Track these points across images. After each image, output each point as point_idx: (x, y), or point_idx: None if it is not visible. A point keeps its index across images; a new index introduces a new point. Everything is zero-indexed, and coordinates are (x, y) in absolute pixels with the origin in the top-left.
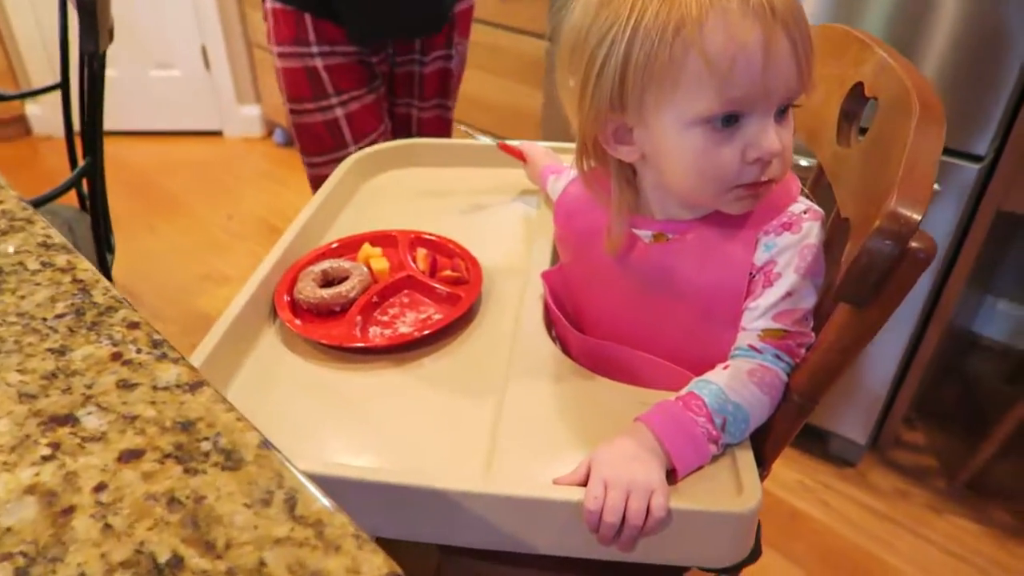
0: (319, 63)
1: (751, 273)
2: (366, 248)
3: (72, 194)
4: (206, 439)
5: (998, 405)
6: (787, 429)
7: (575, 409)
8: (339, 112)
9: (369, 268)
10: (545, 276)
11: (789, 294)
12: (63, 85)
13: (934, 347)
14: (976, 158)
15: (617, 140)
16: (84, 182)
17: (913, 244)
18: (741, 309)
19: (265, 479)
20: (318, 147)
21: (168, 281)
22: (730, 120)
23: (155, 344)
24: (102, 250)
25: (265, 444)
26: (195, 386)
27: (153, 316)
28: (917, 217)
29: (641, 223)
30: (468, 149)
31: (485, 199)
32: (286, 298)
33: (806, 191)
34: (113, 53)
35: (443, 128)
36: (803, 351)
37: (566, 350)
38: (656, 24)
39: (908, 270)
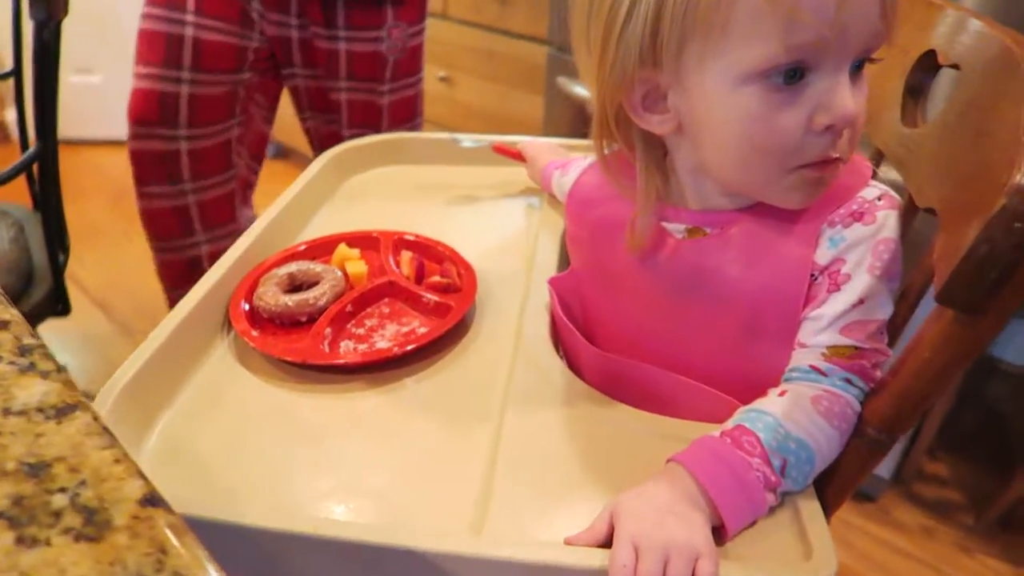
0: (189, 32)
1: (812, 274)
2: (342, 250)
3: (28, 195)
4: (61, 490)
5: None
6: (857, 471)
7: (590, 445)
8: (189, 32)
9: (344, 273)
10: (553, 282)
11: (861, 301)
12: (15, 72)
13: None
14: None
15: (647, 108)
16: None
17: None
18: (798, 320)
19: (136, 557)
20: (152, 57)
21: (143, 294)
22: (794, 75)
23: (23, 351)
24: (53, 248)
25: (150, 500)
26: (65, 411)
27: (123, 329)
28: None
29: (672, 215)
30: (460, 149)
31: (481, 198)
32: (244, 306)
33: (877, 173)
34: (97, 59)
35: (373, 113)
36: (878, 373)
37: (577, 370)
38: None
39: None
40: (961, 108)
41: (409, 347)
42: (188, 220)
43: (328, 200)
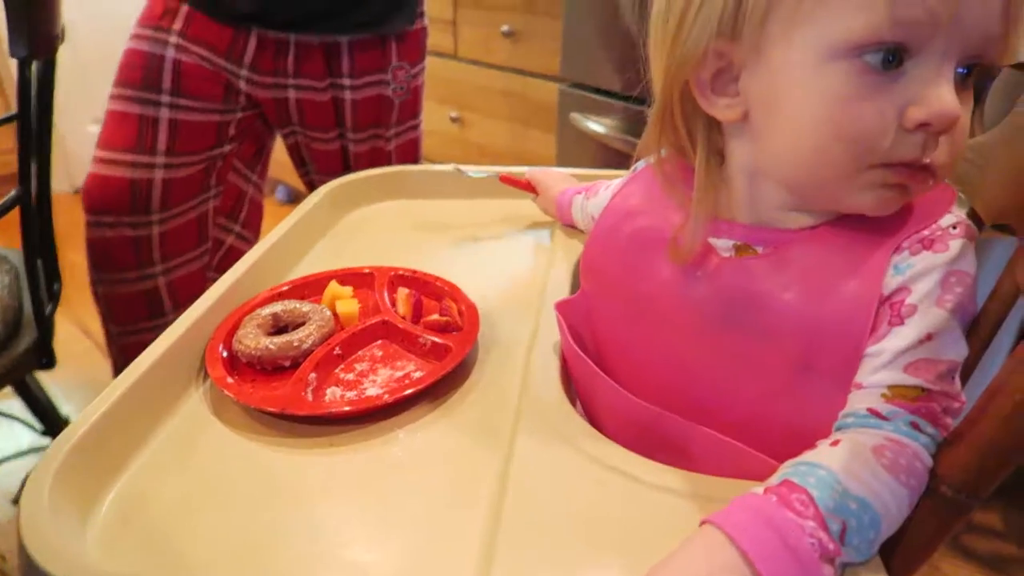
0: (171, 54)
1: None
2: (332, 287)
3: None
4: None
5: None
6: (931, 537)
7: (609, 506)
8: (165, 114)
9: (334, 312)
10: (561, 308)
11: (929, 337)
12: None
13: None
14: None
15: (716, 90)
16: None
17: None
18: (860, 359)
19: None
20: (122, 142)
21: None
22: (893, 59)
23: None
24: (38, 296)
25: None
26: None
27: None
28: None
29: (720, 229)
30: (467, 178)
31: (487, 232)
32: (221, 349)
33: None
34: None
35: (380, 160)
36: (950, 421)
37: (593, 413)
38: None
39: None
40: None
41: (405, 393)
42: (158, 301)
43: (324, 236)
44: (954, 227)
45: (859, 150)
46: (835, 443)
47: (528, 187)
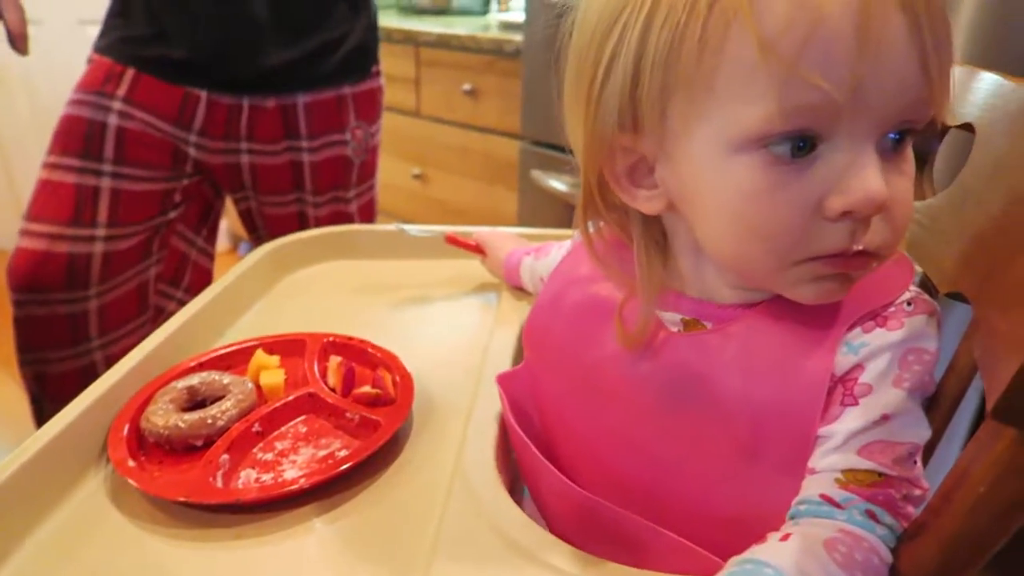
0: (114, 121)
1: (827, 385)
2: (258, 357)
3: None
4: None
5: None
6: None
7: None
8: (107, 184)
9: (257, 385)
10: (503, 380)
11: (885, 417)
12: None
13: None
14: None
15: (633, 181)
16: None
17: None
18: (811, 444)
19: None
20: (56, 214)
21: None
22: (802, 146)
23: None
24: None
25: None
26: None
27: None
28: None
29: (668, 302)
30: (413, 237)
31: (432, 294)
32: (126, 428)
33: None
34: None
35: (342, 222)
36: (911, 510)
37: (535, 495)
38: None
39: None
40: (985, 172)
41: (319, 478)
42: (95, 377)
43: (262, 299)
44: (910, 303)
45: (779, 247)
46: (785, 537)
47: (475, 248)
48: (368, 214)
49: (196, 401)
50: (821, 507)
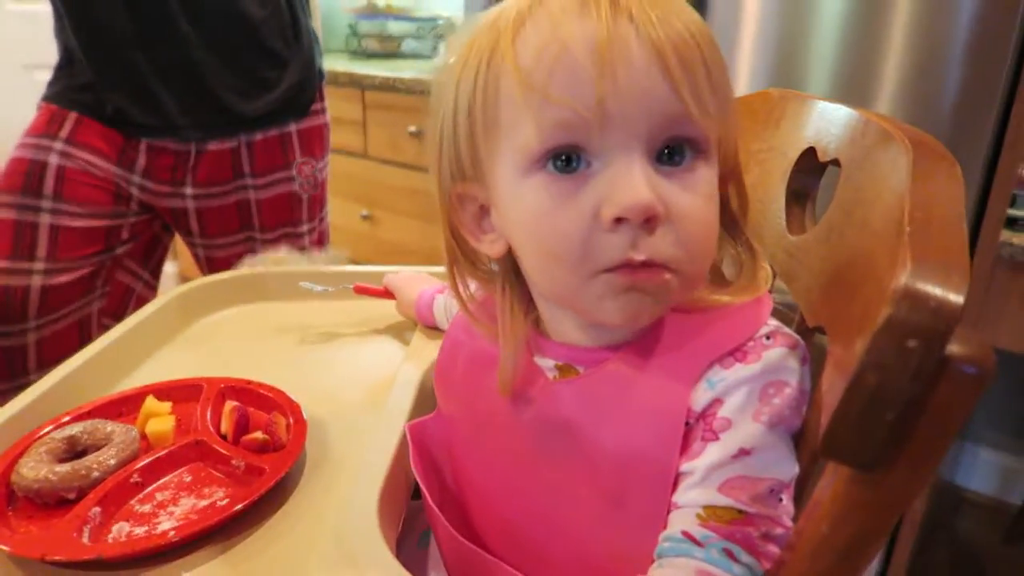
0: (54, 160)
1: (688, 422)
2: (149, 404)
3: None
4: None
5: (999, 570)
6: None
7: None
8: (46, 220)
9: (143, 433)
10: (413, 429)
11: (744, 452)
12: None
13: (923, 506)
14: None
15: (481, 228)
16: None
17: (954, 349)
18: (670, 488)
19: None
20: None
21: None
22: (573, 162)
23: None
24: None
25: None
26: None
27: None
28: (955, 298)
29: (543, 348)
30: (333, 278)
31: (345, 336)
32: None
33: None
34: None
35: None
36: (773, 548)
37: (438, 547)
38: (478, 51)
39: (947, 398)
40: (846, 206)
41: (188, 531)
42: None
43: (169, 343)
44: (768, 337)
45: (570, 261)
46: None
47: (385, 294)
48: (320, 248)
49: (76, 451)
50: (682, 544)
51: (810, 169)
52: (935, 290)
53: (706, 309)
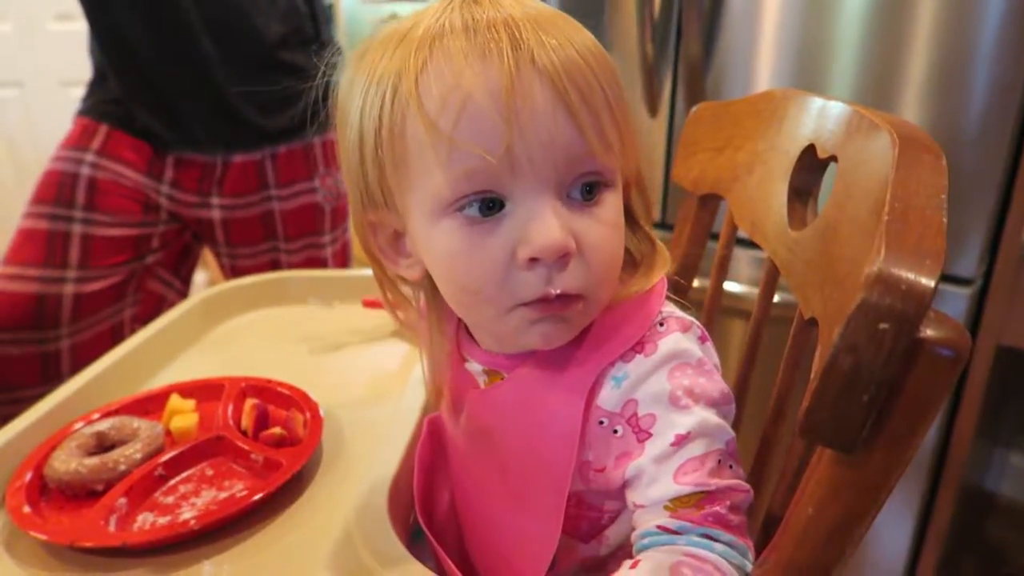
0: (86, 171)
1: (600, 421)
2: (174, 401)
3: None
4: None
5: None
6: None
7: None
8: (78, 229)
9: (168, 429)
10: (431, 421)
11: (683, 437)
12: None
13: (950, 511)
14: (964, 281)
15: (397, 251)
16: None
17: (929, 333)
18: (563, 493)
19: None
20: (28, 257)
21: None
22: (492, 206)
23: None
24: None
25: None
26: None
27: None
28: (926, 282)
29: (472, 353)
30: (349, 282)
31: (361, 338)
32: (29, 474)
33: (673, 296)
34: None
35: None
36: (739, 517)
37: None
38: (381, 77)
39: (924, 380)
40: (840, 201)
41: (209, 520)
42: None
43: (194, 345)
44: (661, 324)
45: (487, 297)
46: (635, 564)
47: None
48: (342, 258)
49: (104, 446)
50: (661, 536)
51: (811, 166)
52: (907, 274)
53: (611, 306)
